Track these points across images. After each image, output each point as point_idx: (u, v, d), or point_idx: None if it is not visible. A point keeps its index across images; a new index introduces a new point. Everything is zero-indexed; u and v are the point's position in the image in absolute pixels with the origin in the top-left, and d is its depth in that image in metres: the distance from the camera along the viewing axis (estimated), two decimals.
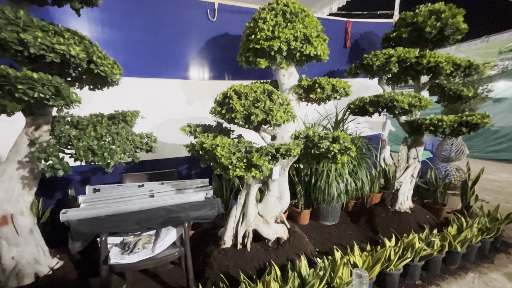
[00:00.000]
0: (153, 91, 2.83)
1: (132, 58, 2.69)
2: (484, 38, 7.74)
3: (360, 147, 3.21)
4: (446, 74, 2.66)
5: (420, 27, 2.82)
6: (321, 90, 2.18)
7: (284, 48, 2.01)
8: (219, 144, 1.79)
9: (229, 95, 1.89)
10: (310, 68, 2.72)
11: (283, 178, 2.33)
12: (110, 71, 1.65)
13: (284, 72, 2.34)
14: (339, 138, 2.14)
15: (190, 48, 2.93)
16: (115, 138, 1.81)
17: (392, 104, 2.61)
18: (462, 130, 2.55)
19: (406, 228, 2.83)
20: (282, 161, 2.26)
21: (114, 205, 1.88)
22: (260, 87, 1.93)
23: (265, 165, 1.78)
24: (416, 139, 3.02)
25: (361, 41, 3.75)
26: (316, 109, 3.47)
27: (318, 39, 2.12)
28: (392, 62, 2.70)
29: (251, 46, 2.09)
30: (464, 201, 3.15)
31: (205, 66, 3.05)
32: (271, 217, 2.36)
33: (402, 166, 3.07)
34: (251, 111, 1.77)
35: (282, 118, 1.85)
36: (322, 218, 3.31)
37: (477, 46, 7.87)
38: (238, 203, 2.36)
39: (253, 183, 2.31)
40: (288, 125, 2.23)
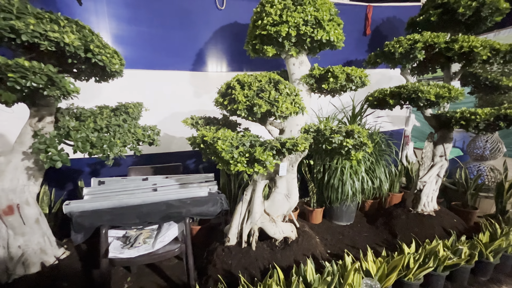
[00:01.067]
0: (161, 83, 2.78)
1: (139, 50, 2.65)
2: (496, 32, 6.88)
3: (378, 143, 2.96)
4: (482, 61, 2.33)
5: (452, 8, 2.50)
6: (334, 79, 1.99)
7: (293, 34, 1.84)
8: (221, 137, 1.69)
9: (232, 85, 1.77)
10: (324, 57, 2.51)
11: (291, 174, 2.19)
12: (108, 61, 1.59)
13: (294, 61, 2.17)
14: (353, 133, 1.95)
15: (198, 38, 2.84)
16: (116, 130, 1.77)
17: (416, 96, 2.34)
18: (500, 124, 2.23)
19: (429, 232, 2.57)
20: (289, 156, 2.12)
21: (116, 198, 1.86)
22: (266, 76, 1.79)
23: (269, 160, 1.65)
24: (444, 135, 2.72)
25: (382, 27, 3.45)
26: (331, 102, 3.25)
27: (331, 23, 1.92)
28: (417, 49, 2.41)
29: (258, 33, 1.95)
30: (499, 205, 2.81)
31: (214, 57, 2.95)
32: (278, 215, 2.23)
33: (426, 165, 2.79)
34: (254, 101, 1.64)
35: (288, 109, 1.70)
36: (336, 218, 3.12)
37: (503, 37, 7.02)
38: (244, 199, 2.25)
39: (259, 179, 2.19)
40: (297, 118, 2.07)
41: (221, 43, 2.93)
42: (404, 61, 2.61)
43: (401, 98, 2.49)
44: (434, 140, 2.78)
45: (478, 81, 2.69)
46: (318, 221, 3.15)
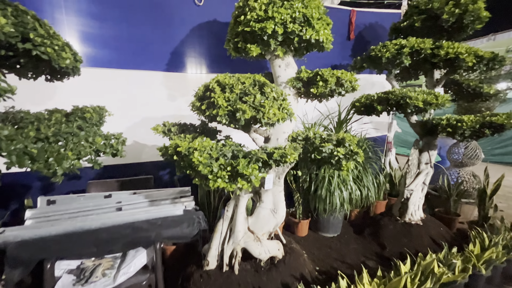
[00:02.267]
0: (131, 84, 2.47)
1: (106, 48, 2.33)
2: (490, 36, 7.44)
3: (365, 150, 2.86)
4: (467, 68, 2.31)
5: (435, 15, 2.48)
6: (323, 83, 1.83)
7: (280, 32, 1.65)
8: (198, 147, 1.44)
9: (211, 87, 1.53)
10: (309, 61, 2.37)
11: (277, 187, 1.98)
12: (55, 54, 1.28)
13: (279, 62, 1.98)
14: (344, 141, 1.79)
15: (174, 36, 2.57)
16: (68, 140, 1.45)
17: (404, 102, 2.26)
18: (485, 132, 2.21)
19: (418, 243, 2.49)
20: (276, 168, 1.91)
21: (68, 222, 1.52)
22: (250, 78, 1.58)
23: (254, 174, 1.43)
24: (429, 142, 2.68)
25: (366, 33, 3.41)
26: (316, 107, 3.12)
27: (320, 22, 1.77)
28: (404, 54, 2.35)
29: (240, 30, 1.74)
30: (482, 211, 2.82)
31: (191, 57, 2.69)
32: (263, 233, 2.01)
33: (413, 172, 2.73)
34: (237, 106, 1.41)
35: (276, 116, 1.50)
36: (322, 229, 2.96)
37: (484, 44, 7.56)
38: (225, 216, 2.00)
39: (242, 193, 1.95)
40: (284, 124, 1.88)
41: (200, 42, 2.68)
42: (390, 66, 2.55)
43: (388, 104, 2.41)
44: (419, 147, 2.73)
45: (460, 88, 2.70)
46: (304, 233, 2.97)
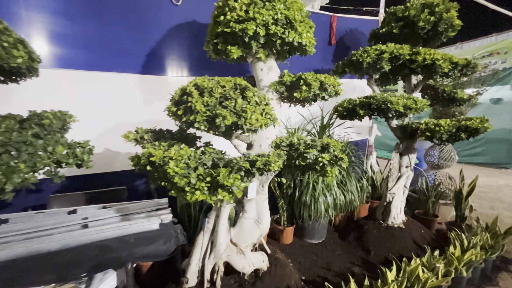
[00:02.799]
0: (103, 87, 2.28)
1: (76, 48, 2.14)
2: (458, 45, 7.94)
3: (349, 154, 2.86)
4: (443, 73, 2.38)
5: (412, 22, 2.55)
6: (307, 87, 1.78)
7: (261, 33, 1.58)
8: (174, 156, 1.31)
9: (188, 91, 1.42)
10: (291, 65, 2.31)
11: (261, 196, 1.89)
12: (3, 52, 1.11)
13: (262, 65, 1.91)
14: (328, 147, 1.75)
15: (150, 37, 2.42)
16: (20, 150, 1.26)
17: (386, 106, 2.28)
18: (461, 135, 2.28)
19: (402, 246, 2.50)
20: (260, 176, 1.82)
21: (21, 245, 1.32)
22: (231, 82, 1.48)
23: (236, 185, 1.33)
24: (409, 146, 2.73)
25: (346, 38, 3.46)
26: (299, 112, 3.08)
27: (303, 25, 1.72)
28: (384, 59, 2.38)
29: (220, 30, 1.64)
30: (459, 212, 2.91)
31: (169, 59, 2.55)
32: (247, 245, 1.90)
33: (394, 176, 2.76)
34: (216, 112, 1.31)
35: (258, 121, 1.41)
36: (308, 236, 2.90)
37: (452, 52, 8.04)
38: (206, 228, 1.87)
39: (224, 204, 1.84)
40: (267, 130, 1.80)
41: (178, 44, 2.55)
42: (371, 71, 2.58)
43: (370, 108, 2.42)
44: (400, 151, 2.78)
45: (436, 93, 2.79)
46: (289, 241, 2.89)
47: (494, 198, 4.44)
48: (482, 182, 5.34)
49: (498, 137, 6.63)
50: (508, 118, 6.48)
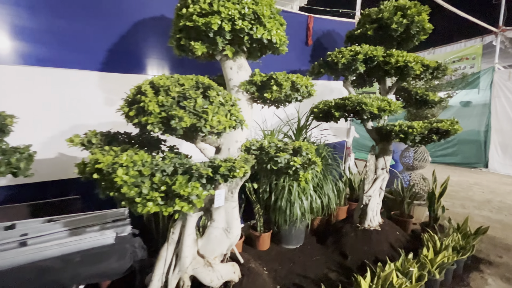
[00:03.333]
0: (56, 86, 2.05)
1: (20, 39, 1.90)
2: (430, 50, 8.28)
3: (325, 157, 2.81)
4: (415, 76, 2.40)
5: (385, 24, 2.55)
6: (277, 88, 1.69)
7: (227, 28, 1.47)
8: (125, 163, 1.16)
9: (143, 90, 1.27)
10: (266, 66, 2.20)
11: (231, 203, 1.77)
12: None
13: (231, 64, 1.79)
14: (301, 150, 1.66)
15: (112, 31, 2.23)
16: None
17: (361, 108, 2.24)
18: (433, 137, 2.30)
19: (378, 250, 2.48)
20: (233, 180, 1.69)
21: None
22: (192, 80, 1.35)
23: (196, 193, 1.20)
24: (384, 147, 2.73)
25: (323, 39, 3.43)
26: (276, 114, 3.00)
27: (272, 21, 1.63)
28: (358, 60, 2.35)
29: (182, 24, 1.51)
30: (432, 213, 2.95)
31: (137, 56, 2.36)
32: (215, 256, 1.77)
33: (370, 178, 2.74)
34: (172, 112, 1.17)
35: (221, 123, 1.29)
36: (285, 241, 2.81)
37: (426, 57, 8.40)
38: (170, 239, 1.72)
39: (190, 212, 1.70)
40: (235, 133, 1.68)
41: (147, 39, 2.37)
42: (347, 72, 2.55)
43: (345, 110, 2.38)
44: (376, 153, 2.77)
45: (409, 95, 2.82)
46: (266, 247, 2.79)
47: (465, 197, 4.61)
48: (454, 182, 5.55)
49: (468, 138, 6.97)
50: (476, 120, 6.82)
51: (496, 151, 6.48)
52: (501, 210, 3.93)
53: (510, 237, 3.06)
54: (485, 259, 2.58)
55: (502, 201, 4.33)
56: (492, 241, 2.97)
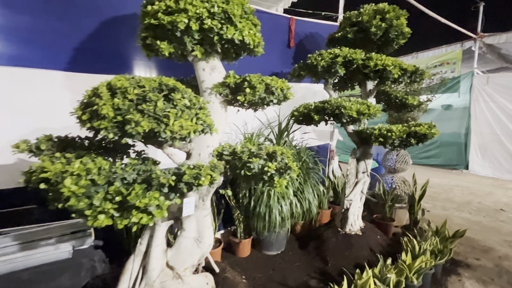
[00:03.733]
0: (14, 86, 1.91)
1: None
2: (414, 54, 8.48)
3: (306, 161, 2.76)
4: (394, 79, 2.40)
5: (365, 27, 2.55)
6: (251, 90, 1.62)
7: (194, 27, 1.39)
8: (76, 171, 1.06)
9: (98, 92, 1.17)
10: (247, 68, 2.13)
11: (202, 211, 1.68)
12: None
13: (204, 65, 1.72)
14: (275, 155, 1.60)
15: (80, 28, 2.10)
16: None
17: (340, 111, 2.21)
18: (411, 141, 2.30)
19: (358, 255, 2.45)
20: (199, 189, 1.61)
21: None
22: (155, 81, 1.26)
23: (154, 204, 1.11)
24: (365, 151, 2.72)
25: (306, 41, 3.41)
26: (257, 117, 2.94)
27: (244, 21, 1.56)
28: (338, 63, 2.33)
29: (147, 22, 1.42)
30: (412, 215, 2.96)
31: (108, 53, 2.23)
32: (185, 268, 1.67)
33: (351, 182, 2.72)
34: (128, 117, 1.08)
35: (185, 128, 1.20)
36: (266, 247, 2.74)
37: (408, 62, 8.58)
38: (137, 251, 1.61)
39: (159, 221, 1.60)
40: (207, 137, 1.60)
41: (121, 37, 2.25)
42: (327, 75, 2.52)
43: (325, 113, 2.35)
44: (357, 156, 2.75)
45: (389, 99, 2.82)
46: (247, 254, 2.70)
47: (446, 198, 4.70)
48: (436, 183, 5.66)
49: (449, 141, 7.15)
50: (457, 123, 7.01)
51: (475, 153, 6.67)
52: (480, 212, 4.02)
53: (488, 239, 3.11)
54: (463, 262, 2.60)
55: (481, 203, 4.43)
56: (471, 243, 3.01)
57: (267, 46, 3.09)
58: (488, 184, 5.64)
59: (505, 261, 2.63)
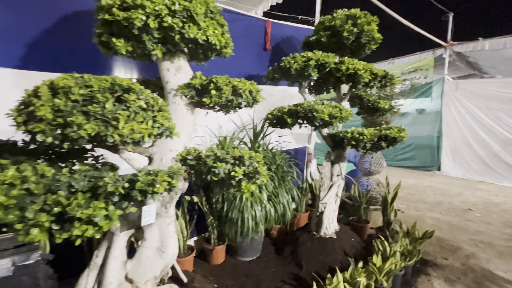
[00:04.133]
0: None
1: None
2: (390, 60, 8.82)
3: (280, 165, 2.74)
4: (365, 83, 2.44)
5: (338, 32, 2.57)
6: (217, 92, 1.56)
7: (153, 25, 1.31)
8: (9, 179, 0.95)
9: (39, 92, 1.06)
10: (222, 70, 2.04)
11: (165, 219, 1.59)
12: None
13: (168, 65, 1.64)
14: (243, 159, 1.54)
15: (35, 22, 1.95)
16: None
17: (312, 115, 2.21)
18: (382, 144, 2.33)
19: (332, 258, 2.44)
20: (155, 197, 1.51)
21: None
22: (106, 81, 1.17)
23: (103, 214, 1.02)
24: (339, 154, 2.73)
25: (282, 44, 3.41)
26: (231, 119, 2.88)
27: (208, 20, 1.51)
28: (311, 66, 2.33)
29: (101, 18, 1.32)
30: (385, 217, 3.01)
31: (64, 50, 2.08)
32: (146, 280, 1.57)
33: (326, 185, 2.72)
34: (70, 119, 0.99)
35: (137, 132, 1.12)
36: (241, 254, 2.67)
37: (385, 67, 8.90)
38: (93, 263, 1.49)
39: (117, 231, 1.49)
40: (170, 141, 1.52)
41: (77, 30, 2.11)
42: (300, 78, 2.51)
43: (298, 117, 2.34)
44: (331, 159, 2.76)
45: (362, 102, 2.87)
46: (221, 260, 2.62)
47: (419, 199, 4.86)
48: (410, 184, 5.86)
49: (423, 143, 7.48)
50: (430, 126, 7.34)
51: (447, 155, 7.01)
52: (450, 212, 4.19)
53: (456, 238, 3.23)
54: (433, 262, 2.68)
55: (451, 203, 4.63)
56: (440, 242, 3.11)
57: (243, 49, 3.09)
58: (458, 184, 5.92)
59: (471, 260, 2.74)
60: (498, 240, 3.20)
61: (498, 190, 5.42)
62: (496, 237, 3.28)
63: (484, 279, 2.39)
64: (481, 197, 4.97)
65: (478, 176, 6.31)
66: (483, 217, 3.95)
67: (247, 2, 4.83)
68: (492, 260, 2.73)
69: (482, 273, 2.50)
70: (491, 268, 2.57)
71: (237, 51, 2.93)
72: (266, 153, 2.71)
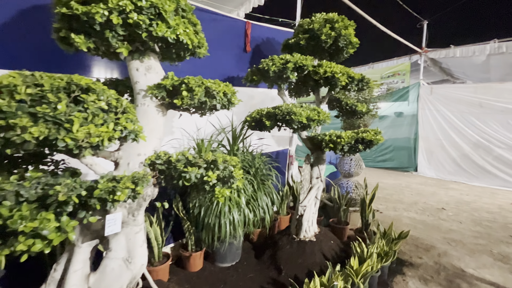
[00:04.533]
0: None
1: None
2: (370, 65, 9.11)
3: (260, 168, 2.70)
4: (342, 86, 2.46)
5: (316, 35, 2.59)
6: (189, 93, 1.50)
7: (116, 21, 1.23)
8: None
9: None
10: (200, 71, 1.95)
11: (132, 227, 1.49)
12: None
13: (137, 64, 1.55)
14: (216, 163, 1.49)
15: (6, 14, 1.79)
16: None
17: (290, 117, 2.19)
18: (359, 147, 2.36)
19: (311, 262, 2.43)
20: (115, 205, 1.42)
21: None
22: (61, 80, 1.07)
23: (53, 226, 0.92)
24: (318, 157, 2.74)
25: (263, 47, 3.39)
26: (210, 122, 2.81)
27: (178, 18, 1.44)
28: (289, 69, 2.32)
29: (59, 11, 1.22)
30: (364, 218, 3.06)
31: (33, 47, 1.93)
32: None
33: (305, 188, 2.72)
34: (13, 121, 0.89)
35: (94, 135, 1.03)
36: (219, 259, 2.60)
37: (365, 71, 9.19)
38: (50, 279, 1.37)
39: (78, 241, 1.38)
40: (137, 145, 1.43)
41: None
42: (279, 80, 2.50)
43: (277, 119, 2.31)
44: (310, 162, 2.76)
45: (341, 105, 2.91)
46: (198, 267, 2.53)
47: (397, 199, 5.01)
48: (389, 185, 6.05)
49: (401, 145, 7.77)
50: (408, 128, 7.65)
51: (423, 157, 7.31)
52: (425, 211, 4.34)
53: (430, 237, 3.34)
54: (408, 261, 2.74)
55: (426, 203, 4.81)
56: (415, 242, 3.21)
57: (222, 50, 3.03)
58: (433, 184, 6.18)
59: (444, 258, 2.83)
60: (468, 238, 3.34)
61: (469, 190, 5.72)
62: (466, 235, 3.43)
63: (456, 277, 2.48)
64: (454, 196, 5.21)
65: (451, 176, 6.63)
66: (455, 216, 4.13)
67: (229, 3, 4.79)
68: (462, 258, 2.84)
69: (453, 271, 2.59)
70: (462, 266, 2.67)
71: (217, 52, 2.89)
72: (245, 156, 2.67)
